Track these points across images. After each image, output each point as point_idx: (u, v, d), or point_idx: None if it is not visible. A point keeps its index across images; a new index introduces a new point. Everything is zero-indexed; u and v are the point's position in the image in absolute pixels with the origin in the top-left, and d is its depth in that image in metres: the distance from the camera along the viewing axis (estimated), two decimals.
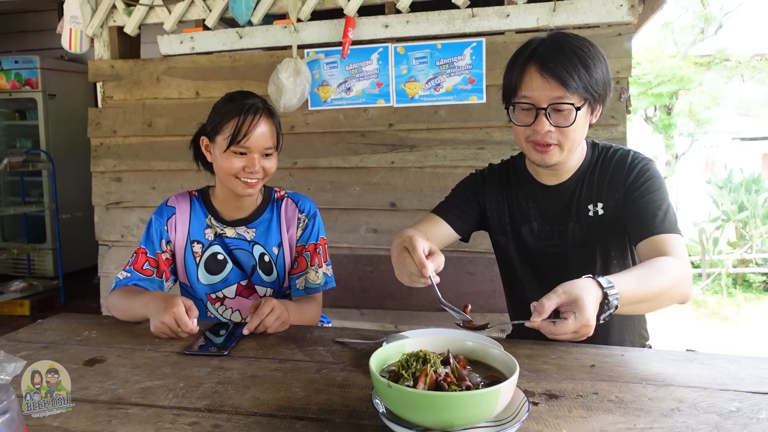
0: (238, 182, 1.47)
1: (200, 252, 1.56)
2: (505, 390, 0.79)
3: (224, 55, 2.75)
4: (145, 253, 1.53)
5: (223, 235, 1.57)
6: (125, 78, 2.87)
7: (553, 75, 1.19)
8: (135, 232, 2.90)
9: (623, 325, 1.44)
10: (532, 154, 1.30)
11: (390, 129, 2.57)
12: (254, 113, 1.43)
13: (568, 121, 1.22)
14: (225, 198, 1.57)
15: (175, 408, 0.93)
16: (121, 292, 1.45)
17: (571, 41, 1.23)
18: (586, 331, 0.98)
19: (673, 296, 1.14)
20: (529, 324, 1.00)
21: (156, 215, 1.58)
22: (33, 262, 4.93)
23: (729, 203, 6.64)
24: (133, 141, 2.89)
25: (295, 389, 1.00)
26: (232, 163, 1.44)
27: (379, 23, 2.53)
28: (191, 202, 1.60)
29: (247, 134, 1.42)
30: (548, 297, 0.98)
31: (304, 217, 1.61)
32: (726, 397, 0.94)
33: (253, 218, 1.59)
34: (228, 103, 1.47)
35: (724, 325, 5.13)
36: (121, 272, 1.52)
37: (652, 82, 8.16)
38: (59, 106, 5.00)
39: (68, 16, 2.82)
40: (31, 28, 5.50)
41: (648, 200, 1.27)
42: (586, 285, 0.99)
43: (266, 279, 1.58)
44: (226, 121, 1.44)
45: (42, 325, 1.38)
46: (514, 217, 1.44)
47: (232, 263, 1.56)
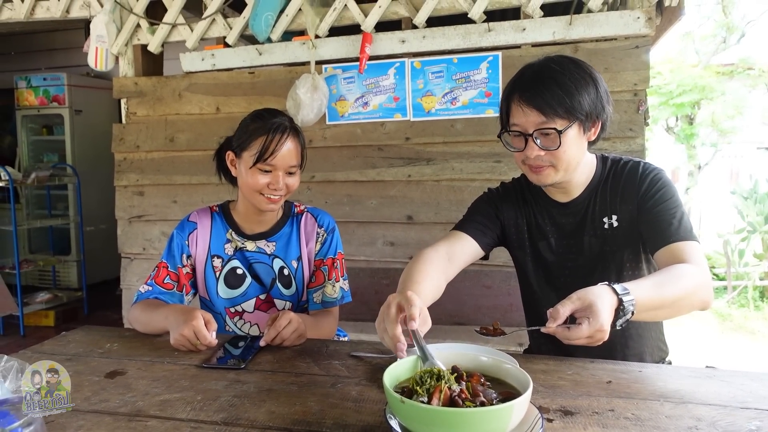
0: (262, 198, 1.49)
1: (220, 266, 1.59)
2: (518, 406, 0.79)
3: (244, 72, 2.81)
4: (166, 267, 1.56)
5: (244, 249, 1.59)
6: (148, 94, 2.94)
7: (531, 105, 1.24)
8: (156, 245, 2.95)
9: (642, 337, 1.44)
10: (530, 175, 1.35)
11: (407, 143, 2.59)
12: (281, 132, 1.46)
13: (555, 145, 1.25)
14: (246, 212, 1.60)
15: (193, 421, 0.95)
16: (143, 305, 1.48)
17: (553, 67, 1.27)
18: (600, 336, 0.98)
19: (693, 302, 1.14)
20: (544, 330, 1.01)
21: (178, 230, 1.61)
22: (58, 274, 5.05)
23: (755, 214, 6.50)
24: (156, 156, 2.95)
25: (310, 403, 1.01)
26: (257, 179, 1.47)
27: (395, 39, 2.56)
28: (212, 217, 1.63)
29: (274, 153, 1.45)
30: (563, 303, 1.00)
31: (323, 231, 1.63)
32: (746, 416, 0.92)
33: (273, 232, 1.61)
34: (256, 121, 1.50)
35: (751, 339, 5.00)
36: (143, 286, 1.55)
37: (674, 92, 8.05)
38: (85, 121, 5.13)
39: (94, 35, 2.91)
40: (59, 46, 5.67)
41: (662, 209, 1.28)
42: (600, 291, 1.01)
43: (285, 292, 1.60)
44: (253, 139, 1.47)
45: (66, 337, 1.42)
46: (531, 233, 1.46)
47: (251, 277, 1.58)
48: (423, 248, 1.41)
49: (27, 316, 4.17)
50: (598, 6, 2.32)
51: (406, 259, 2.61)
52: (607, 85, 2.31)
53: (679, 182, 9.56)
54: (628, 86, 2.32)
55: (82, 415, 0.97)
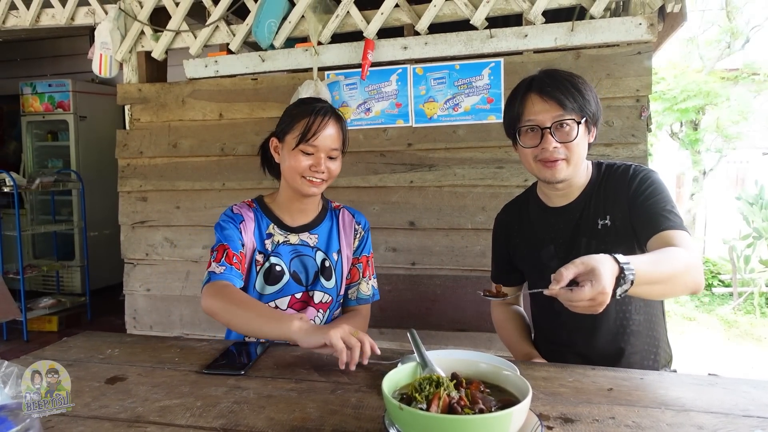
0: (304, 181, 1.51)
1: (262, 261, 1.56)
2: (517, 414, 0.79)
3: (247, 78, 2.82)
4: (229, 248, 1.48)
5: (287, 242, 1.58)
6: (152, 101, 2.95)
7: (551, 97, 1.34)
8: (159, 251, 2.96)
9: (647, 337, 1.46)
10: (542, 172, 1.40)
11: (409, 149, 2.59)
12: (324, 114, 1.50)
13: (571, 136, 1.35)
14: (289, 201, 1.59)
15: (192, 427, 0.95)
16: (224, 291, 1.39)
17: (561, 73, 1.39)
18: (602, 299, 1.00)
19: (686, 282, 1.18)
20: (547, 292, 1.04)
21: (227, 219, 1.55)
22: (62, 279, 5.06)
23: (760, 220, 6.46)
24: (159, 162, 2.96)
25: (309, 410, 1.01)
26: (299, 161, 1.49)
27: (398, 45, 2.56)
28: (253, 211, 1.60)
29: (317, 133, 1.47)
30: (566, 267, 1.03)
31: (361, 229, 1.69)
32: (748, 424, 0.92)
33: (315, 224, 1.63)
34: (300, 106, 1.55)
35: (757, 346, 4.96)
36: (215, 266, 1.45)
37: (678, 98, 8.03)
38: (89, 127, 5.17)
39: (99, 42, 2.93)
40: (64, 52, 5.71)
41: (652, 203, 1.34)
42: (602, 258, 1.03)
43: (326, 285, 1.59)
44: (297, 121, 1.50)
45: (67, 342, 1.42)
46: (534, 246, 1.52)
47: (290, 275, 1.55)
48: (492, 310, 1.72)
49: (30, 322, 4.18)
50: (600, 12, 2.32)
51: (408, 265, 2.61)
52: (609, 91, 2.33)
53: (684, 188, 9.53)
54: (630, 92, 2.31)
55: (82, 421, 0.97)
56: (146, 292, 3.00)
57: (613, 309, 1.42)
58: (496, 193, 2.48)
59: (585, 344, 1.46)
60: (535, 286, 1.57)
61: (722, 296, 6.39)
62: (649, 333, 1.45)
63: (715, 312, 5.89)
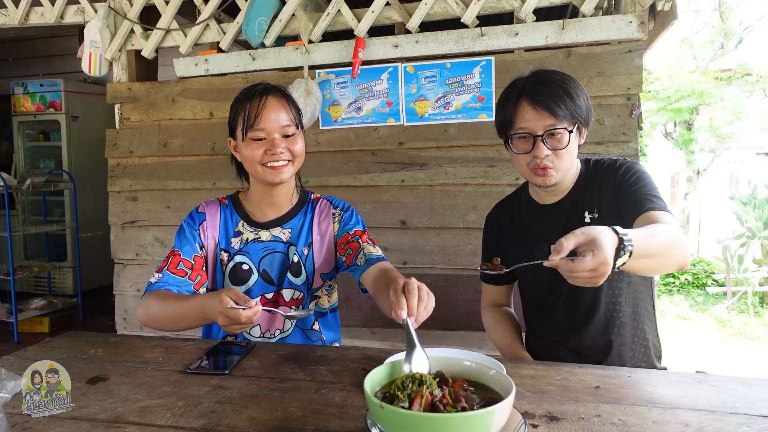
0: (266, 169, 1.43)
1: (226, 261, 1.52)
2: (499, 412, 0.77)
3: (237, 77, 2.80)
4: (178, 255, 1.48)
5: (257, 240, 1.52)
6: (142, 100, 2.93)
7: (543, 107, 1.33)
8: (150, 251, 2.94)
9: (636, 336, 1.47)
10: (534, 179, 1.42)
11: (400, 147, 2.58)
12: (260, 95, 1.43)
13: (563, 144, 1.35)
14: (259, 195, 1.54)
15: (172, 427, 0.93)
16: (156, 298, 1.38)
17: (553, 76, 1.37)
18: (603, 269, 0.99)
19: (675, 256, 1.19)
20: (547, 263, 1.03)
21: (187, 221, 1.54)
22: (53, 280, 5.03)
23: (754, 220, 6.48)
24: (149, 161, 2.94)
25: (292, 409, 0.99)
26: (253, 150, 1.42)
27: (389, 43, 2.55)
28: (221, 209, 1.57)
29: (258, 116, 1.40)
30: (567, 237, 1.02)
31: (339, 211, 1.58)
32: (734, 421, 0.91)
33: (287, 218, 1.55)
34: (238, 97, 1.48)
35: (751, 345, 4.97)
36: (154, 275, 1.46)
37: (672, 98, 8.05)
38: (82, 127, 5.13)
39: (88, 40, 2.90)
40: (56, 52, 5.67)
41: (637, 189, 1.35)
42: (602, 229, 1.02)
43: (295, 281, 1.52)
44: (239, 112, 1.44)
45: (50, 343, 1.40)
46: (527, 245, 1.52)
47: (259, 274, 1.51)
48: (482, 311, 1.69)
49: (21, 323, 4.14)
50: (591, 10, 2.31)
51: (400, 264, 2.60)
52: (600, 89, 2.33)
53: (678, 187, 9.55)
54: (621, 90, 2.31)
55: (60, 422, 0.96)
56: (137, 293, 2.98)
57: (603, 300, 1.43)
58: (487, 192, 2.47)
59: (576, 338, 1.47)
60: (529, 284, 1.58)
61: (716, 296, 6.40)
62: (636, 325, 1.46)
63: (709, 311, 5.90)
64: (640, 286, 1.47)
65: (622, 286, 1.44)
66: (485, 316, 1.67)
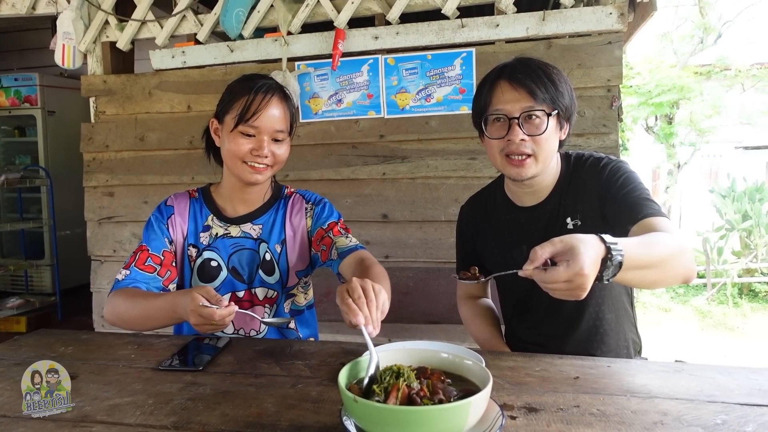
0: (246, 167, 1.38)
1: (195, 256, 1.47)
2: (476, 404, 0.76)
3: (216, 69, 2.75)
4: (146, 250, 1.42)
5: (226, 236, 1.47)
6: (117, 93, 2.87)
7: (521, 85, 1.26)
8: (127, 247, 2.88)
9: (617, 332, 1.43)
10: (509, 169, 1.32)
11: (381, 140, 2.56)
12: (266, 92, 1.37)
13: (540, 129, 1.26)
14: (231, 189, 1.48)
15: (141, 426, 0.90)
16: (123, 297, 1.32)
17: (536, 61, 1.31)
18: (580, 281, 0.91)
19: (678, 267, 1.09)
20: (521, 273, 0.97)
21: (155, 214, 1.49)
22: (31, 279, 4.92)
23: (733, 212, 6.58)
24: (126, 156, 2.88)
25: (266, 405, 0.97)
26: (239, 144, 1.36)
27: (369, 35, 2.52)
28: (190, 202, 1.52)
29: (257, 113, 1.34)
30: (542, 246, 0.94)
31: (310, 205, 1.54)
32: (712, 410, 0.90)
33: (259, 214, 1.50)
34: (241, 82, 1.41)
35: (730, 335, 5.05)
36: (121, 271, 1.40)
37: (653, 92, 8.14)
38: (58, 122, 5.02)
39: (61, 32, 2.83)
40: (32, 45, 5.53)
41: (627, 192, 1.27)
42: (586, 237, 0.94)
43: (268, 279, 1.47)
44: (236, 99, 1.37)
45: (18, 341, 1.36)
46: (504, 246, 1.45)
47: (228, 271, 1.46)
48: (458, 304, 1.64)
49: None
50: (571, 2, 2.31)
51: (382, 258, 2.57)
52: (581, 81, 2.32)
53: (659, 181, 9.66)
54: (601, 82, 2.31)
55: (24, 422, 0.92)
56: None
57: (587, 311, 1.38)
58: (469, 185, 2.46)
59: (557, 344, 1.41)
60: (509, 287, 1.52)
61: (696, 287, 6.49)
62: (618, 329, 1.42)
63: (689, 303, 5.99)
64: (619, 287, 1.41)
65: (605, 294, 1.38)
66: (462, 309, 1.61)
